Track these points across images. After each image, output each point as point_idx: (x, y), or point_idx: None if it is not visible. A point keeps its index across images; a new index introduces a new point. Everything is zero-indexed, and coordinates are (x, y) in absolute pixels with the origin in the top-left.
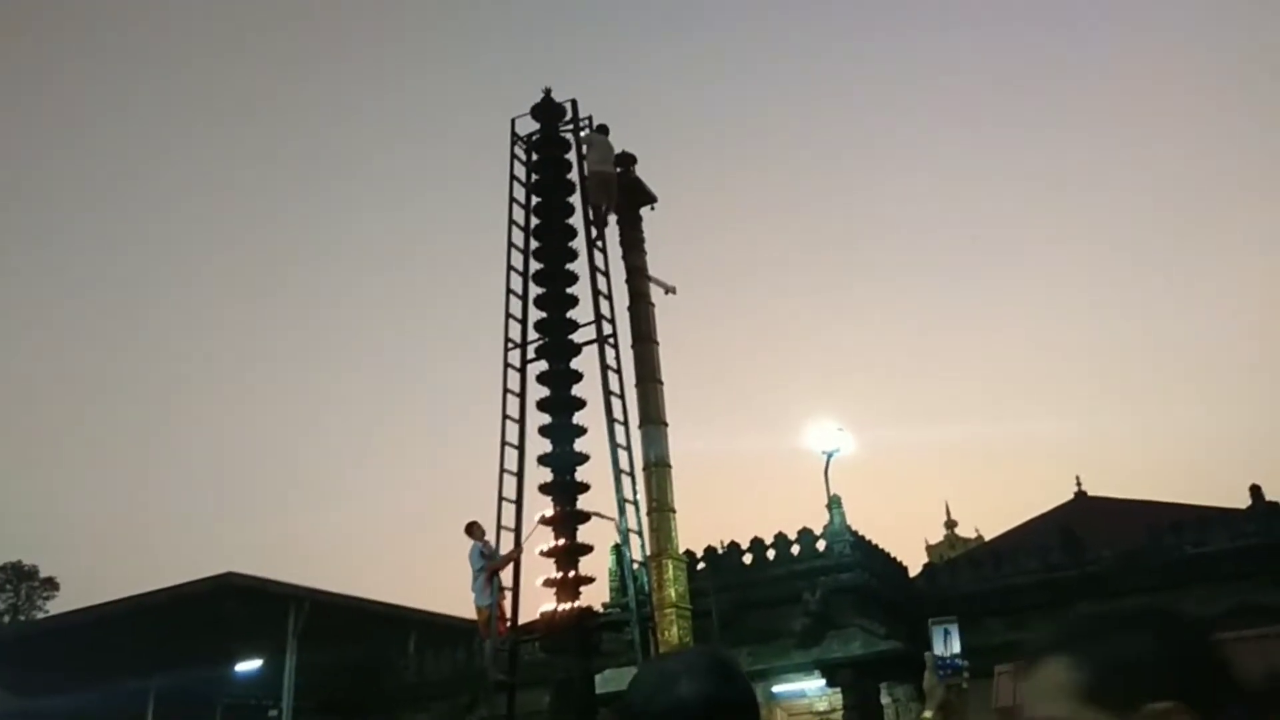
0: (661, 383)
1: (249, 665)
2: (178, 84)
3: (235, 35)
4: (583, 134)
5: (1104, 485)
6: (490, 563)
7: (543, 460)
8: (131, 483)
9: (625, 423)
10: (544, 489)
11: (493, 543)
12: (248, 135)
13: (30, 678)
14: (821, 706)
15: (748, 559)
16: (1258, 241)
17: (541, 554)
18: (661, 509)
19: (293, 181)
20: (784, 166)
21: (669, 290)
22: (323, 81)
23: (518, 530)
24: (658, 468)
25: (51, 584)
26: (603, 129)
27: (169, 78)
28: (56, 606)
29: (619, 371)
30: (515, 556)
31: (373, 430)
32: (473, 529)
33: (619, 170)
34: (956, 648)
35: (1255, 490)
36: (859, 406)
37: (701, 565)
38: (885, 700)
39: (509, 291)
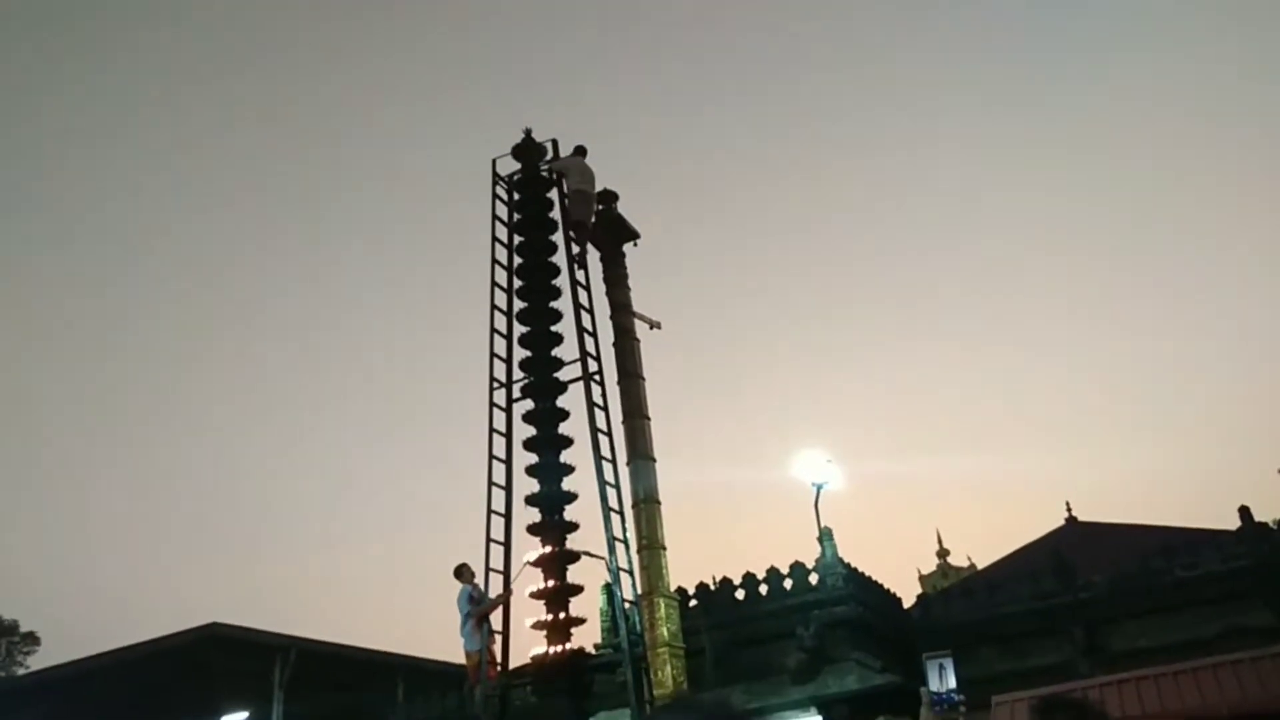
0: (649, 418)
1: (235, 717)
2: (160, 108)
3: (221, 58)
4: (562, 157)
5: (1094, 510)
6: (478, 608)
7: (530, 500)
8: (112, 534)
9: (613, 459)
10: (532, 529)
11: (481, 586)
12: (227, 164)
13: None
14: None
15: (740, 595)
16: (1250, 261)
17: (531, 596)
18: (652, 546)
19: (257, 222)
20: (769, 199)
21: (653, 325)
22: (305, 114)
23: (506, 573)
24: (647, 504)
25: (32, 639)
26: (580, 150)
27: (151, 101)
28: (38, 662)
29: (605, 408)
30: (504, 599)
31: (357, 472)
32: (461, 572)
33: (601, 208)
34: (952, 682)
35: (1244, 512)
36: (848, 437)
37: (694, 602)
38: None
39: (493, 330)
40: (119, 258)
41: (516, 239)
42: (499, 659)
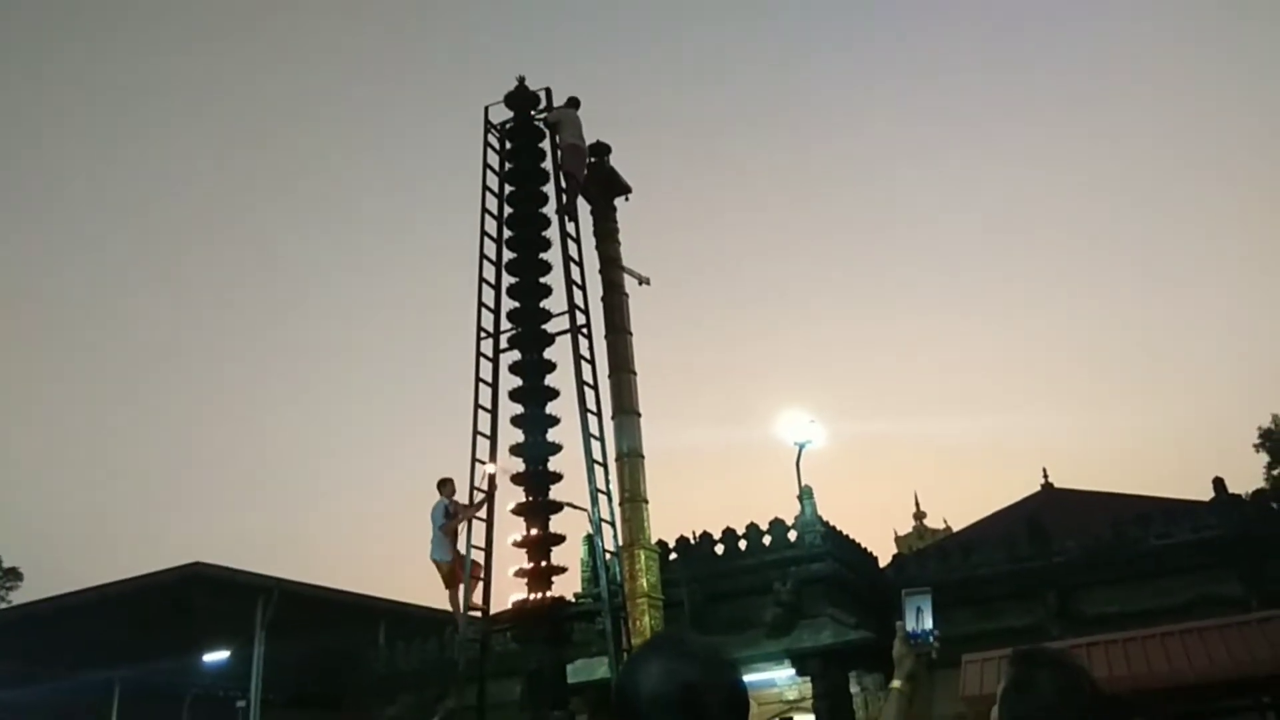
0: (635, 373)
1: (217, 656)
2: (152, 76)
3: (211, 28)
4: (555, 108)
5: (1071, 478)
6: (450, 521)
7: (515, 450)
8: (97, 472)
9: (598, 413)
10: (516, 479)
11: (460, 500)
12: (220, 128)
13: None
14: (791, 695)
15: (719, 549)
16: (1228, 236)
17: (514, 544)
18: (634, 499)
19: (262, 175)
20: (761, 158)
21: (642, 281)
22: (297, 71)
23: (489, 523)
24: (630, 458)
25: (14, 574)
26: (574, 101)
27: (144, 70)
28: (19, 597)
29: (592, 362)
30: (471, 515)
31: (343, 420)
32: (443, 486)
33: (593, 160)
34: (929, 623)
35: (1218, 483)
36: (831, 398)
37: (673, 556)
38: (854, 689)
39: (482, 280)
40: (105, 224)
41: (507, 189)
42: (468, 572)
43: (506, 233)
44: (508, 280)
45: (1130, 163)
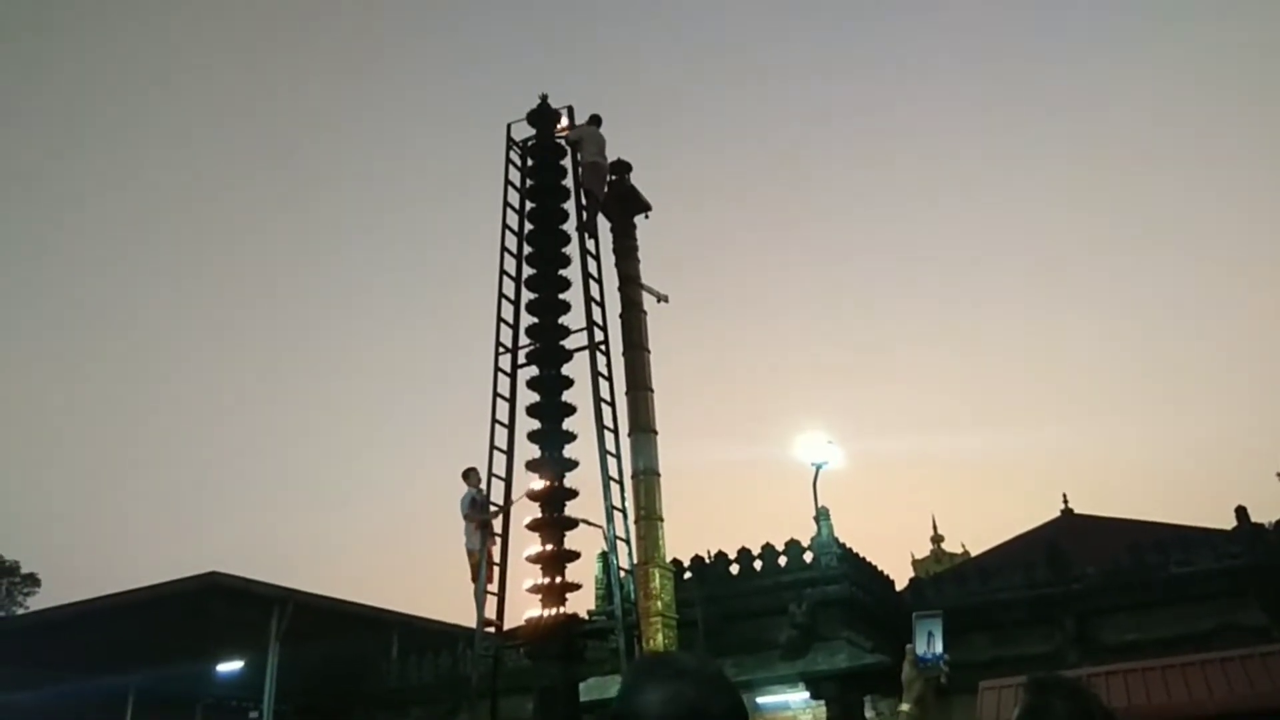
0: (652, 390)
1: (230, 665)
2: (174, 87)
3: (233, 41)
4: (577, 125)
5: (1091, 503)
6: (476, 514)
7: (531, 465)
8: (115, 480)
9: (615, 430)
10: (532, 495)
11: (485, 489)
12: (242, 139)
13: (9, 673)
14: (805, 719)
15: (734, 569)
16: (1248, 259)
17: (528, 560)
18: (649, 517)
19: (287, 185)
20: (779, 179)
21: (661, 299)
22: (320, 86)
23: (505, 536)
24: (646, 476)
25: (33, 580)
26: (595, 119)
27: (166, 82)
28: (37, 603)
29: (610, 379)
30: (494, 516)
31: (360, 433)
32: (468, 475)
33: (613, 178)
34: (939, 647)
35: (1240, 511)
36: (848, 419)
37: (688, 574)
38: (869, 714)
39: (501, 295)
40: (125, 228)
41: (528, 205)
42: (496, 559)
43: (527, 249)
44: (527, 296)
45: (1152, 179)
